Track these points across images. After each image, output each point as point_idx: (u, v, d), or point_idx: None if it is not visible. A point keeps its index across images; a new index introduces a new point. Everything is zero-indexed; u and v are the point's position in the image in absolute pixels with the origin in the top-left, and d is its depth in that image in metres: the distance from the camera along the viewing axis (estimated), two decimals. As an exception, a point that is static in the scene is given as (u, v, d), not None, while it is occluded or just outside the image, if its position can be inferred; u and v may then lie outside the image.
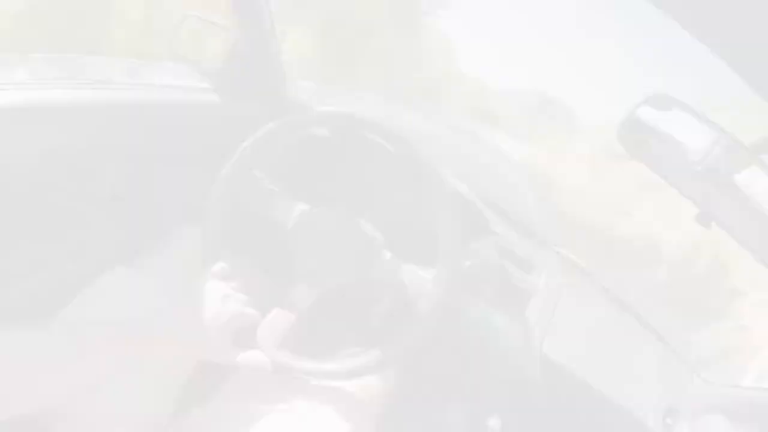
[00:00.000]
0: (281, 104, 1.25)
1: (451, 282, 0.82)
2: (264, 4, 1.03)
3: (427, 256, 0.83)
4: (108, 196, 1.01)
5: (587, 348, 1.31)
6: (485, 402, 1.26)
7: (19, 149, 0.82)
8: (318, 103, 1.35)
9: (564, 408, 1.35)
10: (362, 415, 0.91)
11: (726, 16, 0.40)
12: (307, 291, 0.87)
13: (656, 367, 1.37)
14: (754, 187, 0.75)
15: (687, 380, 1.39)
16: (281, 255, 0.92)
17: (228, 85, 1.19)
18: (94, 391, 0.76)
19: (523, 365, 1.15)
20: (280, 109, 1.21)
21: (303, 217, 0.88)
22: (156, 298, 0.89)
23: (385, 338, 0.83)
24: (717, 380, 1.45)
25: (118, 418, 0.82)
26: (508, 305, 1.27)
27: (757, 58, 0.43)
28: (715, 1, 0.38)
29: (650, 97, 0.78)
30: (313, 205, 0.91)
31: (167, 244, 1.03)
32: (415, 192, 1.21)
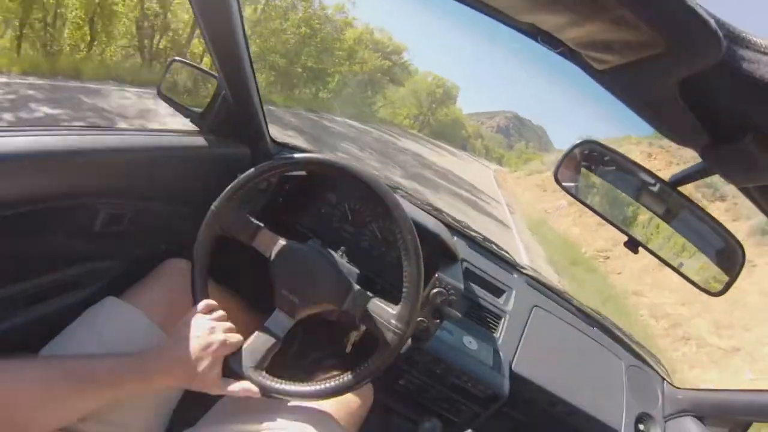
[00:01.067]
0: (263, 146, 1.30)
1: (414, 317, 0.86)
2: (243, 52, 1.08)
3: (394, 289, 0.88)
4: (100, 232, 1.03)
5: (556, 364, 1.35)
6: (458, 418, 1.29)
7: (17, 190, 0.84)
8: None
9: (536, 423, 1.39)
10: (342, 429, 0.96)
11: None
12: (286, 319, 0.92)
13: (626, 377, 1.41)
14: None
15: (657, 387, 1.45)
16: (262, 285, 0.97)
17: (213, 128, 1.24)
18: (88, 419, 0.78)
19: (494, 383, 1.18)
20: (262, 151, 1.29)
21: (283, 250, 0.94)
22: (146, 328, 0.94)
23: (357, 362, 0.88)
24: (684, 384, 1.50)
25: None
26: (478, 327, 1.33)
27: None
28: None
29: (577, 143, 0.87)
30: (292, 239, 0.96)
31: (158, 278, 1.05)
32: (383, 229, 1.27)
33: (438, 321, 1.07)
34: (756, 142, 0.44)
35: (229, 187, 0.94)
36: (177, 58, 1.34)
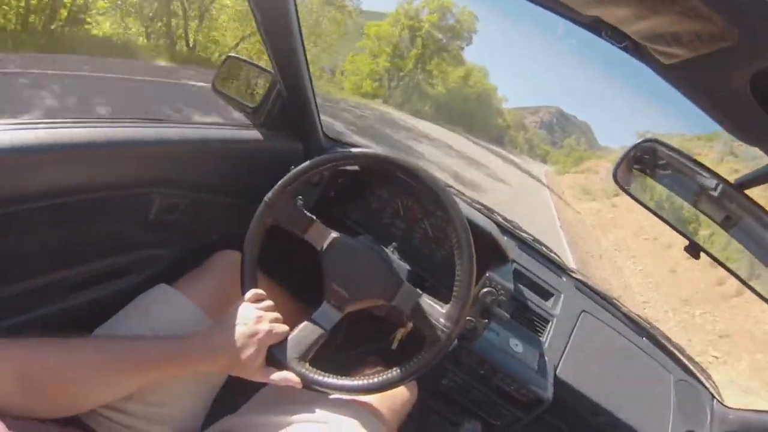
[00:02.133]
0: (315, 140, 1.32)
1: (463, 317, 0.85)
2: (299, 47, 1.09)
3: (444, 288, 0.88)
4: (154, 220, 1.06)
5: (603, 373, 1.31)
6: (498, 421, 1.28)
7: (75, 179, 0.87)
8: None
9: (579, 431, 1.37)
10: (383, 426, 0.96)
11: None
12: (334, 312, 0.92)
13: (674, 392, 1.36)
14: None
15: (706, 405, 1.38)
16: (312, 278, 0.98)
17: (266, 122, 1.26)
18: (134, 396, 0.80)
19: (538, 388, 1.16)
20: (314, 145, 1.30)
21: (335, 243, 0.94)
22: (195, 316, 0.96)
23: (402, 359, 0.87)
24: (735, 404, 1.43)
25: (156, 424, 0.87)
26: (525, 329, 1.31)
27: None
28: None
29: (641, 141, 0.84)
30: (344, 233, 0.96)
31: (209, 268, 1.07)
32: (434, 227, 1.26)
33: (486, 321, 1.06)
34: None
35: (284, 179, 0.95)
36: (232, 54, 1.38)
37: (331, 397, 0.91)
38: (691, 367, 1.50)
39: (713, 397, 1.44)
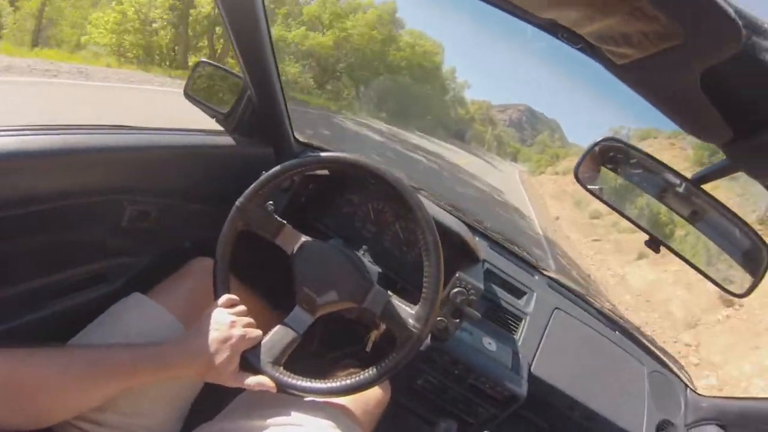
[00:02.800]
0: (286, 145, 1.32)
1: (432, 317, 0.87)
2: (269, 53, 1.09)
3: (415, 289, 0.89)
4: (126, 228, 1.06)
5: (577, 367, 1.34)
6: (474, 419, 1.29)
7: (46, 186, 0.87)
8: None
9: (554, 426, 1.38)
10: (358, 427, 0.96)
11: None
12: (306, 315, 0.93)
13: (648, 383, 1.39)
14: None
15: (680, 394, 1.42)
16: (284, 282, 0.98)
17: (238, 128, 1.26)
18: (108, 407, 0.80)
19: (512, 385, 1.18)
20: (285, 150, 1.30)
21: (305, 247, 0.95)
22: (170, 324, 0.95)
23: (377, 360, 0.88)
24: (708, 392, 1.47)
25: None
26: (498, 328, 1.32)
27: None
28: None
29: (599, 140, 0.87)
30: (316, 237, 0.97)
31: (183, 276, 1.07)
32: (405, 230, 1.27)
33: (457, 321, 1.08)
34: None
35: (254, 183, 0.95)
36: (203, 59, 1.37)
37: (306, 399, 0.92)
38: (664, 358, 1.53)
39: (686, 386, 1.48)
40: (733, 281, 0.90)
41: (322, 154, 0.95)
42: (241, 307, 0.91)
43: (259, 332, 0.89)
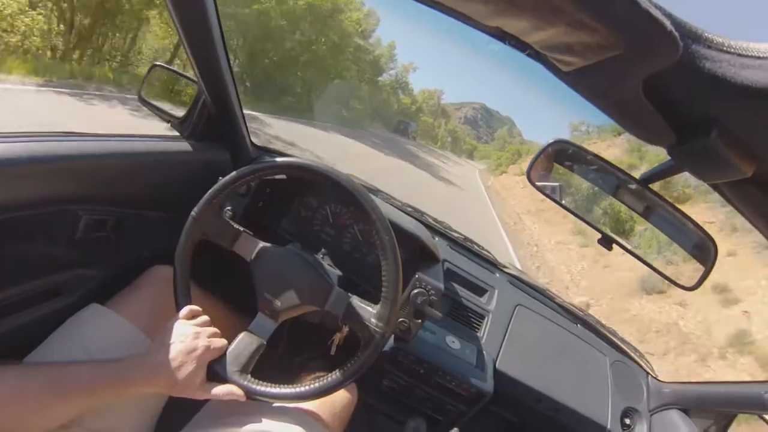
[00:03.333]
0: (243, 150, 1.30)
1: (393, 316, 0.88)
2: (222, 57, 1.07)
3: (376, 290, 0.89)
4: (82, 238, 1.03)
5: (541, 361, 1.36)
6: (443, 417, 1.30)
7: None
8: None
9: (524, 420, 1.40)
10: (326, 430, 0.97)
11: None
12: (269, 322, 0.93)
13: (611, 373, 1.42)
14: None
15: (642, 381, 1.46)
16: (247, 289, 0.97)
17: (194, 133, 1.24)
18: (73, 423, 0.78)
19: (477, 382, 1.19)
20: (242, 155, 1.29)
21: (263, 253, 0.95)
22: (131, 335, 0.94)
23: (341, 362, 0.89)
24: (669, 378, 1.52)
25: None
26: (462, 326, 1.34)
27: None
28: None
29: (551, 142, 0.88)
30: (273, 243, 0.97)
31: (142, 285, 1.05)
32: (363, 232, 1.28)
33: (419, 321, 1.08)
34: (721, 138, 0.44)
35: (209, 192, 0.94)
36: (158, 63, 1.34)
37: (275, 405, 0.92)
38: (625, 348, 1.58)
39: (647, 373, 1.52)
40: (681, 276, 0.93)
41: (277, 159, 0.95)
42: (204, 318, 0.90)
43: (224, 341, 0.88)
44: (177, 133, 1.26)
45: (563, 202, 0.93)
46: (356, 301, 0.92)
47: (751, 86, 0.38)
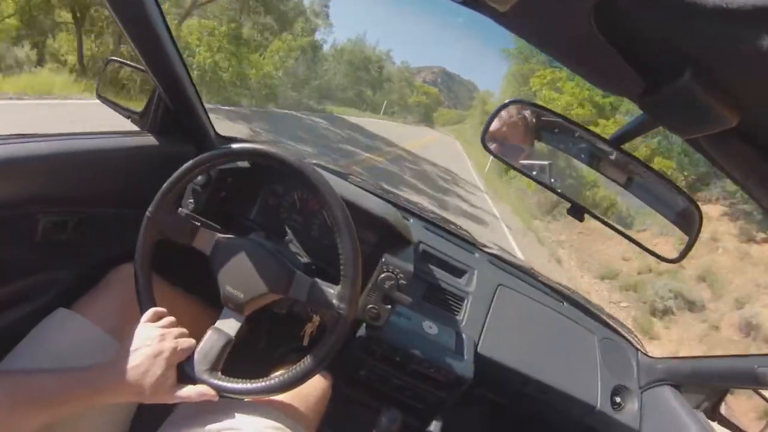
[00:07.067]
0: (207, 141, 1.27)
1: (355, 296, 0.85)
2: (169, 46, 1.04)
3: (339, 274, 0.87)
4: (42, 241, 1.01)
5: (526, 342, 1.34)
6: (423, 405, 1.27)
7: None
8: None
9: (512, 403, 1.38)
10: (300, 423, 0.95)
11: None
12: (235, 315, 0.90)
13: (599, 350, 1.40)
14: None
15: (631, 358, 1.44)
16: (209, 283, 0.95)
17: (155, 126, 1.21)
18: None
19: (456, 367, 1.16)
20: (206, 146, 1.25)
21: (220, 246, 0.92)
22: (100, 338, 0.91)
23: (309, 350, 0.87)
24: (659, 354, 1.49)
25: None
26: (440, 310, 1.30)
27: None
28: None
29: (505, 103, 0.84)
30: (240, 234, 0.94)
31: (108, 285, 1.03)
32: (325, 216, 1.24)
33: (389, 307, 1.04)
34: (696, 78, 0.38)
35: (161, 189, 0.92)
36: (113, 57, 1.31)
37: (247, 401, 0.90)
38: (613, 324, 1.55)
39: (637, 350, 1.50)
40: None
41: (232, 146, 0.91)
42: (170, 318, 0.88)
43: (191, 341, 0.86)
44: (138, 129, 1.23)
45: (524, 168, 0.88)
46: (318, 284, 0.89)
47: (726, 6, 0.30)
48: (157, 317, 0.88)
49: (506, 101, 0.84)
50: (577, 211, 0.82)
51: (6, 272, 0.97)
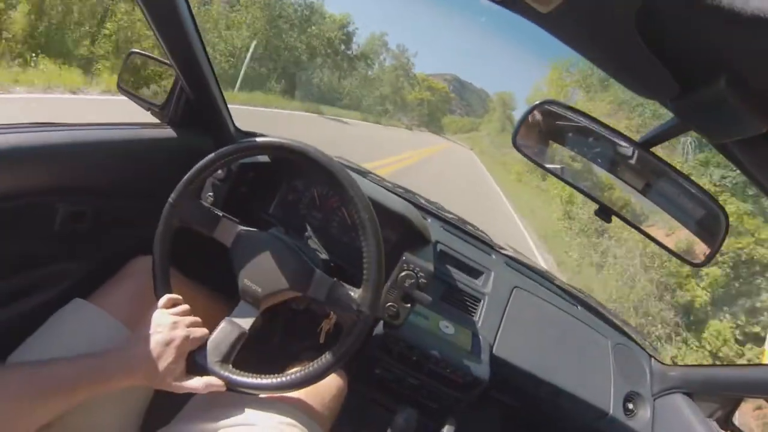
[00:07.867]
0: (226, 134, 1.28)
1: (377, 299, 0.85)
2: (195, 40, 1.04)
3: (358, 273, 0.87)
4: (60, 232, 1.01)
5: (540, 345, 1.33)
6: (438, 405, 1.27)
7: None
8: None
9: (524, 405, 1.37)
10: (315, 421, 0.94)
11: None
12: (251, 309, 0.90)
13: (613, 356, 1.39)
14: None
15: (645, 364, 1.43)
16: (225, 275, 0.95)
17: (174, 119, 1.21)
18: (56, 423, 0.75)
19: (472, 368, 1.16)
20: (225, 139, 1.26)
21: (241, 239, 0.92)
22: (115, 329, 0.91)
23: (324, 348, 0.86)
24: (672, 361, 1.48)
25: None
26: (456, 310, 1.30)
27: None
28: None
29: (537, 103, 0.83)
30: (258, 228, 0.94)
31: (124, 277, 1.03)
32: (350, 215, 1.24)
33: (408, 305, 1.04)
34: (731, 84, 0.38)
35: (185, 177, 0.91)
36: (135, 50, 1.31)
37: (262, 397, 0.89)
38: (627, 330, 1.54)
39: (650, 356, 1.49)
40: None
41: (256, 139, 0.91)
42: (184, 306, 0.88)
43: (204, 331, 0.86)
44: (158, 121, 1.23)
45: (554, 169, 0.88)
46: (339, 285, 0.88)
47: (764, 17, 0.30)
48: (172, 304, 0.88)
49: (537, 102, 0.83)
50: (605, 213, 0.82)
51: (23, 261, 0.98)
